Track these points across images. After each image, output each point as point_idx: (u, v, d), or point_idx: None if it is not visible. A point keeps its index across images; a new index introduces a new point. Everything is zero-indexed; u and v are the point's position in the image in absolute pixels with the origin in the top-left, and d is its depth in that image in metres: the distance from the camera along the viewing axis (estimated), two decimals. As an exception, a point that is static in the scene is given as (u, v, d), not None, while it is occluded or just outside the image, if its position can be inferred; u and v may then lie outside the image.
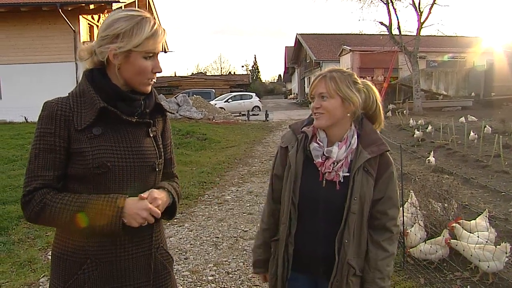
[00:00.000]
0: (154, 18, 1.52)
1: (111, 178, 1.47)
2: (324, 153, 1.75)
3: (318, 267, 1.79)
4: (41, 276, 4.12)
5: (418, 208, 4.73)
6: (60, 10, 18.20)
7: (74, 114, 1.46)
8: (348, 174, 1.74)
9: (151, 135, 1.59)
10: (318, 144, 1.78)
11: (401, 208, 4.63)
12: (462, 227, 4.09)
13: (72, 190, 1.49)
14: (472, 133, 11.44)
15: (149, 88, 1.57)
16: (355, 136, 1.78)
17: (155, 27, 1.48)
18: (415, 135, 12.82)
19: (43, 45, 18.87)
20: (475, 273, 3.82)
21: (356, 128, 1.80)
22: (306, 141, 1.81)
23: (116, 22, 1.46)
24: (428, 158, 8.44)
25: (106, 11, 20.38)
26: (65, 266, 1.51)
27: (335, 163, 1.73)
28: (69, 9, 18.62)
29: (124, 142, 1.50)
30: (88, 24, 20.74)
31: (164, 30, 1.54)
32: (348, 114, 1.76)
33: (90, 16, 20.45)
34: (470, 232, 4.00)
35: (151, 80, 1.55)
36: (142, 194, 1.48)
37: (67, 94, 1.53)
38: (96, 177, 1.45)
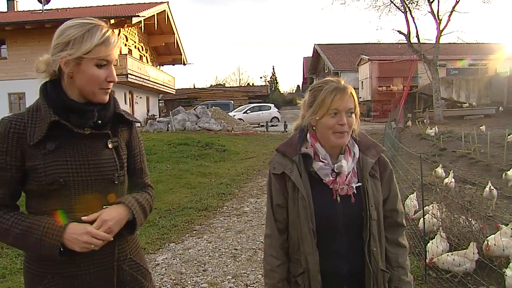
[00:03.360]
0: (108, 27, 1.51)
1: (67, 193, 1.45)
2: (335, 169, 1.67)
3: (342, 285, 1.71)
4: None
5: (440, 219, 4.63)
6: (82, 25, 18.71)
7: (27, 129, 1.44)
8: (359, 184, 1.70)
9: (110, 146, 1.54)
10: (323, 162, 1.68)
11: (421, 220, 4.56)
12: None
13: (32, 205, 1.50)
14: None
15: (106, 97, 1.52)
16: (356, 145, 1.74)
17: (107, 34, 1.46)
18: (426, 131, 12.60)
19: (65, 60, 19.36)
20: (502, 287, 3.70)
21: (352, 137, 1.75)
22: (306, 162, 1.71)
23: (67, 30, 1.44)
24: (435, 169, 7.95)
25: (126, 25, 20.87)
26: (29, 278, 1.53)
27: (346, 177, 1.68)
28: (91, 24, 19.13)
29: (80, 156, 1.46)
30: (109, 38, 21.21)
31: (118, 38, 1.52)
32: None
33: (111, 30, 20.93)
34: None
35: (107, 89, 1.50)
36: (85, 217, 1.45)
37: (26, 108, 1.51)
38: (52, 192, 1.44)
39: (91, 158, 1.48)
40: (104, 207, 1.49)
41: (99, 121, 1.51)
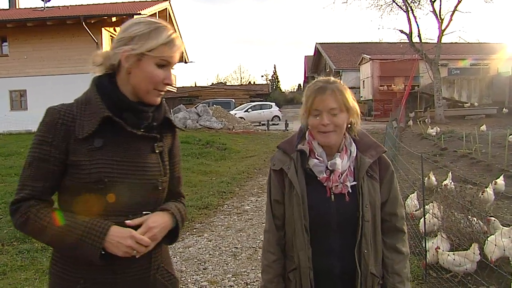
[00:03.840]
0: (175, 31, 1.46)
1: (108, 194, 1.37)
2: (328, 167, 1.68)
3: (335, 285, 1.71)
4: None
5: (440, 219, 4.63)
6: (83, 23, 18.72)
7: (76, 122, 1.38)
8: (355, 183, 1.69)
9: (157, 151, 1.49)
10: (318, 159, 1.69)
11: (422, 220, 4.56)
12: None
13: (66, 203, 1.42)
14: None
15: (158, 99, 1.47)
16: (353, 144, 1.73)
17: (172, 36, 1.41)
18: (428, 131, 12.64)
19: (67, 57, 19.41)
20: None
21: (350, 135, 1.74)
22: (303, 159, 1.72)
23: (134, 26, 1.41)
24: (429, 175, 7.31)
25: (128, 23, 20.86)
26: (57, 282, 1.44)
27: (341, 175, 1.67)
28: (92, 22, 19.15)
29: (126, 157, 1.40)
30: (110, 36, 21.21)
31: (182, 42, 1.48)
32: (348, 125, 1.72)
33: (113, 28, 20.94)
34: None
35: (161, 92, 1.46)
36: (129, 221, 1.38)
37: (74, 100, 1.45)
38: (92, 192, 1.36)
39: (137, 160, 1.42)
40: (144, 213, 1.43)
41: (154, 123, 1.49)
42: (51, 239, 1.37)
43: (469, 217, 4.48)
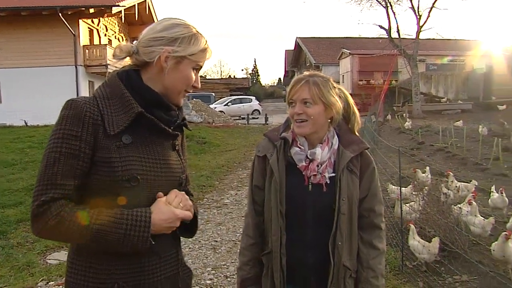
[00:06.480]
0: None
1: (138, 193, 1.33)
2: (308, 155, 1.72)
3: (310, 276, 1.74)
4: (40, 280, 4.12)
5: (417, 211, 4.73)
6: (60, 14, 18.30)
7: (104, 117, 1.32)
8: (333, 174, 1.72)
9: (176, 149, 1.51)
10: (299, 148, 1.74)
11: (399, 210, 4.65)
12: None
13: (91, 203, 1.31)
14: None
15: (182, 101, 1.52)
16: (336, 137, 1.77)
17: (207, 44, 1.47)
18: (405, 124, 12.93)
19: (43, 49, 18.95)
20: (474, 276, 3.82)
21: (336, 129, 1.79)
22: (286, 147, 1.77)
23: (175, 27, 1.42)
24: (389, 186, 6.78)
25: (106, 15, 20.46)
26: None
27: (320, 165, 1.70)
28: (69, 13, 18.71)
29: (153, 154, 1.39)
30: (88, 28, 20.81)
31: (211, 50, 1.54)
32: (329, 120, 1.75)
33: (90, 20, 20.53)
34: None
35: (186, 93, 1.51)
36: (161, 198, 1.37)
37: (92, 95, 1.39)
38: (122, 191, 1.31)
39: (162, 157, 1.42)
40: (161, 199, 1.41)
41: (183, 122, 1.53)
42: (92, 238, 1.26)
43: (444, 209, 4.60)
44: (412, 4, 23.02)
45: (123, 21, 24.86)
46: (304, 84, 1.70)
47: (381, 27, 23.83)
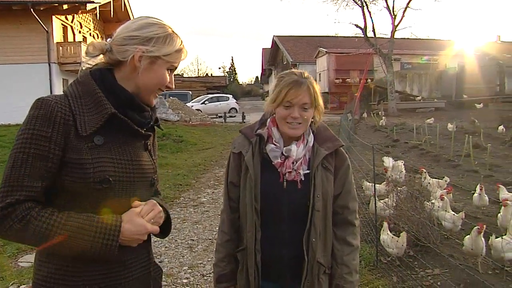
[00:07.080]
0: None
1: (110, 195, 1.31)
2: (283, 152, 1.72)
3: (285, 272, 1.76)
4: (10, 284, 4.02)
5: (390, 208, 4.81)
6: (32, 9, 17.83)
7: (76, 117, 1.29)
8: (308, 171, 1.73)
9: (149, 149, 1.49)
10: (275, 145, 1.74)
11: (373, 206, 4.72)
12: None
13: (61, 206, 1.28)
14: (501, 127, 12.57)
15: (154, 101, 1.50)
16: (311, 135, 1.78)
17: (182, 44, 1.45)
18: (380, 122, 13.13)
19: (14, 46, 18.44)
20: (445, 269, 3.91)
21: (310, 127, 1.80)
22: (261, 144, 1.77)
23: (150, 26, 1.39)
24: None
25: (80, 11, 20.08)
26: None
27: (295, 162, 1.71)
28: (42, 9, 18.27)
29: (125, 155, 1.37)
30: (62, 24, 20.35)
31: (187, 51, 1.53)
32: (311, 120, 1.77)
33: (64, 16, 20.07)
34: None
35: (159, 93, 1.49)
36: (135, 208, 1.35)
37: (63, 93, 1.34)
38: (94, 193, 1.29)
39: (134, 158, 1.40)
40: (134, 209, 1.38)
41: (156, 123, 1.52)
42: (58, 243, 1.23)
43: (417, 205, 4.69)
44: (387, 4, 23.43)
45: (98, 18, 24.43)
46: (306, 88, 1.69)
47: (357, 26, 24.14)
